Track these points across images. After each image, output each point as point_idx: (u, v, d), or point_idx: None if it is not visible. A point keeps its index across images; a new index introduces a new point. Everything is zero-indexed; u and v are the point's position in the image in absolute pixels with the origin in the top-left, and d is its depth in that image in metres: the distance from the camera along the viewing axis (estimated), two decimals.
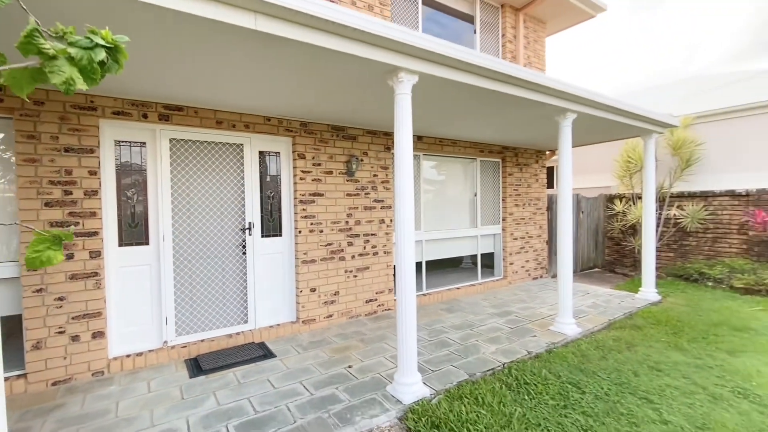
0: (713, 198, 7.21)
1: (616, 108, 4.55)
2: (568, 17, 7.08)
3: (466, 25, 6.40)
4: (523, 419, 2.56)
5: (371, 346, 3.96)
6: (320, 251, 4.60)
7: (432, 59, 2.89)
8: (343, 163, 4.78)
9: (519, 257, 6.90)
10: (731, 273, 6.25)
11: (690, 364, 3.40)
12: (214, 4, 2.00)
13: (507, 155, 6.72)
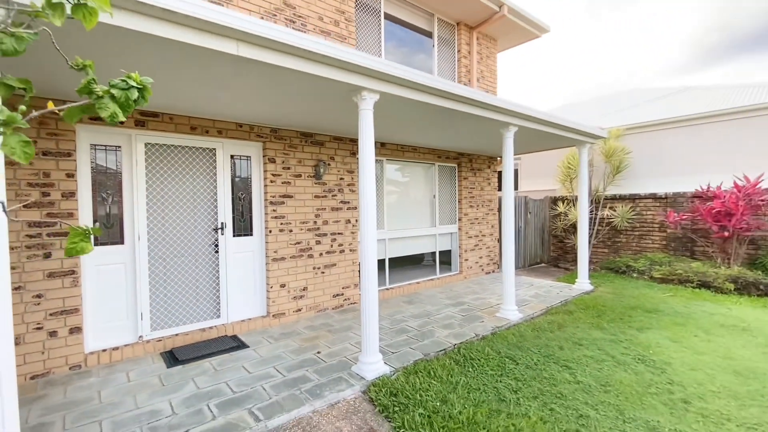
0: (639, 200, 8.26)
1: (550, 122, 5.25)
2: (516, 36, 7.83)
3: (426, 39, 6.94)
4: (466, 385, 3.07)
5: (338, 335, 4.35)
6: (290, 249, 4.93)
7: (391, 81, 3.35)
8: (312, 167, 5.13)
9: (473, 254, 7.55)
10: (652, 265, 7.23)
11: (605, 339, 4.09)
12: (206, 34, 2.33)
13: (462, 161, 7.35)
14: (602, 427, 2.50)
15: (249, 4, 4.56)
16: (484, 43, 7.64)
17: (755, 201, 6.31)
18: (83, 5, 1.23)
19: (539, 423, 2.53)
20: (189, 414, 2.77)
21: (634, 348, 3.85)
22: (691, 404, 2.80)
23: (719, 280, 6.07)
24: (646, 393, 2.95)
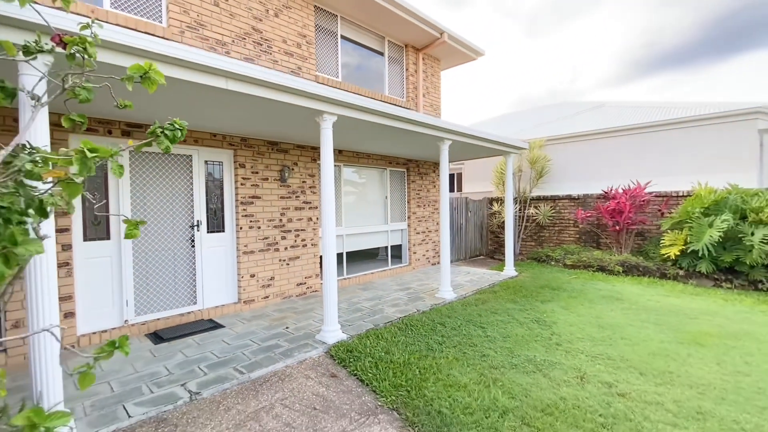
0: (558, 200, 9.80)
1: (478, 137, 6.39)
2: (457, 58, 9.01)
3: (378, 57, 7.86)
4: (405, 342, 4.01)
5: (302, 315, 5.14)
6: (258, 244, 5.62)
7: (347, 106, 4.21)
8: (277, 171, 5.86)
9: (421, 248, 8.61)
10: (565, 255, 8.72)
11: (515, 309, 5.25)
12: (201, 73, 3.05)
13: (411, 166, 8.37)
14: (497, 360, 3.54)
15: (222, 30, 5.21)
16: (429, 63, 8.73)
17: (638, 201, 7.94)
18: (148, 78, 1.98)
19: (454, 360, 3.53)
20: (184, 373, 3.46)
21: (534, 313, 5.03)
22: (561, 345, 3.94)
23: (611, 264, 7.61)
24: (532, 340, 4.07)
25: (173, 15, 4.79)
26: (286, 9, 5.94)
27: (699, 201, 6.92)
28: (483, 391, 2.97)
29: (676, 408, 2.74)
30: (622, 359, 3.59)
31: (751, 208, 6.34)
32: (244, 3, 5.44)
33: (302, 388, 3.20)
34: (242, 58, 5.41)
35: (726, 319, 4.79)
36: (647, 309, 5.26)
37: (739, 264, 6.42)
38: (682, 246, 6.88)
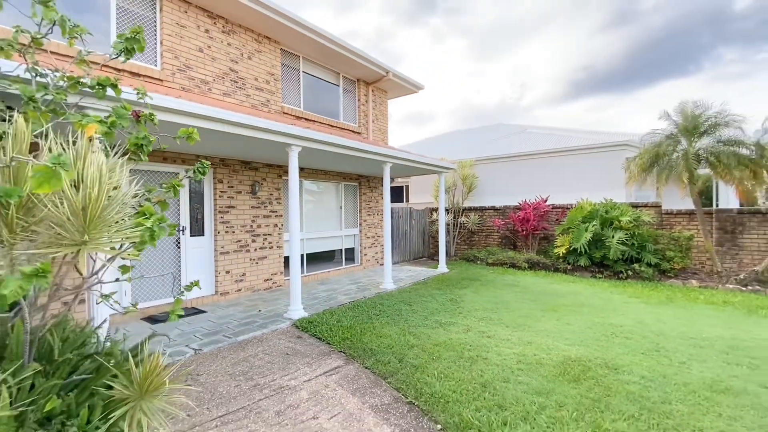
0: (485, 211, 11.78)
1: (414, 160, 8.06)
2: (401, 91, 10.74)
3: (335, 89, 9.33)
4: (352, 316, 5.44)
5: (271, 303, 6.39)
6: (233, 246, 6.79)
7: (310, 140, 5.62)
8: (249, 185, 7.08)
9: (370, 250, 10.11)
10: (488, 255, 10.63)
11: (438, 293, 6.88)
12: (204, 120, 4.33)
13: (362, 181, 9.88)
14: (414, 322, 5.08)
15: (205, 71, 6.41)
16: (378, 94, 10.36)
17: (541, 212, 10.06)
18: (191, 137, 3.27)
19: (385, 324, 5.02)
20: (184, 339, 4.63)
21: (450, 295, 6.69)
22: (462, 313, 5.58)
23: (520, 261, 9.59)
24: (443, 311, 5.68)
25: (166, 60, 5.95)
26: (257, 53, 7.25)
27: (580, 212, 9.09)
28: (400, 337, 4.49)
29: (517, 340, 4.42)
30: (499, 320, 5.29)
31: (611, 217, 8.56)
32: (223, 49, 6.69)
33: (276, 344, 4.52)
34: (221, 93, 6.64)
35: (583, 297, 6.75)
36: (533, 291, 7.13)
37: (606, 259, 8.59)
38: (568, 246, 8.99)
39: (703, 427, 2.64)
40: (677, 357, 3.90)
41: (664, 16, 47.35)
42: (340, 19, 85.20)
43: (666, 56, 64.24)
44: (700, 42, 57.99)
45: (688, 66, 66.88)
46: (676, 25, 52.12)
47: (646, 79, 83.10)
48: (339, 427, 2.79)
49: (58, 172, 1.44)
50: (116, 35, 5.23)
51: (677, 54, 63.72)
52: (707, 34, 54.34)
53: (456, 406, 2.95)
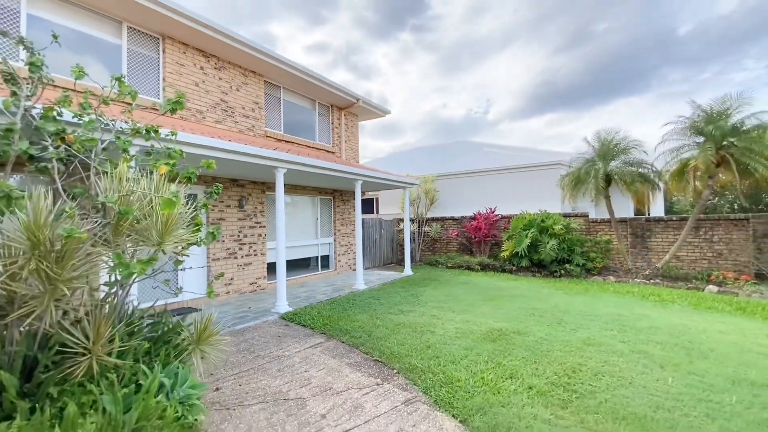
0: (445, 221, 13.26)
1: (380, 177, 9.36)
2: (370, 115, 12.10)
3: (311, 114, 10.53)
4: (329, 308, 6.57)
5: (258, 303, 7.39)
6: (223, 253, 7.75)
7: (293, 162, 6.78)
8: (237, 200, 8.09)
9: (344, 257, 11.25)
10: (448, 260, 12.05)
11: (402, 291, 8.12)
12: (202, 149, 5.41)
13: (336, 195, 11.06)
14: (381, 311, 6.29)
15: (200, 102, 7.45)
16: (350, 118, 11.65)
17: (491, 221, 11.63)
18: (210, 166, 4.38)
19: (357, 312, 6.19)
20: None
21: (412, 291, 7.96)
22: (420, 304, 6.84)
23: (474, 264, 11.06)
24: (404, 302, 6.93)
25: (167, 94, 6.95)
26: (244, 85, 8.35)
27: (521, 221, 10.71)
28: (369, 321, 5.69)
29: (459, 320, 5.72)
30: (449, 308, 6.60)
31: (546, 225, 10.22)
32: (215, 83, 7.76)
33: (269, 330, 5.59)
34: (214, 121, 7.68)
35: (518, 290, 8.22)
36: (480, 287, 8.55)
37: (542, 261, 10.20)
38: (512, 250, 10.56)
39: (566, 361, 4.01)
40: (570, 326, 5.34)
41: (617, 38, 52.44)
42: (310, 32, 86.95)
43: (619, 75, 70.83)
44: (648, 63, 64.60)
45: (638, 84, 73.54)
46: (627, 47, 57.75)
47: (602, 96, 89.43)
48: (325, 374, 3.94)
49: (174, 200, 2.58)
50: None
51: (628, 73, 70.28)
52: (655, 55, 60.80)
53: (407, 358, 4.19)
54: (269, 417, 3.11)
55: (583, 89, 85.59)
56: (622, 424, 2.78)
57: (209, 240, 3.45)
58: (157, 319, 3.71)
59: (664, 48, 56.54)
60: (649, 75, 65.31)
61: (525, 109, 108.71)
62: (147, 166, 3.52)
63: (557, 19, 47.76)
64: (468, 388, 3.43)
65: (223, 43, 7.41)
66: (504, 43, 58.99)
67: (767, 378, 3.57)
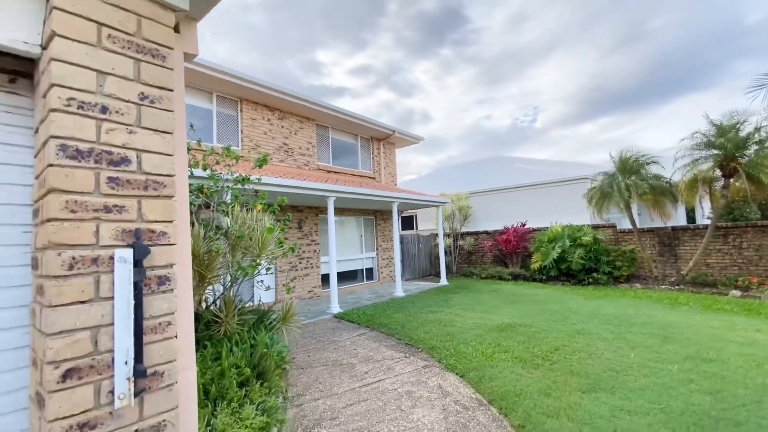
0: (479, 235, 14.29)
1: (414, 198, 10.79)
2: (405, 143, 13.67)
3: (354, 146, 12.31)
4: (373, 310, 8.03)
5: (315, 306, 9.04)
6: (287, 266, 9.56)
7: (341, 192, 8.45)
8: (297, 222, 9.93)
9: (386, 269, 12.71)
10: (482, 271, 13.05)
11: (436, 297, 9.37)
12: (282, 187, 7.21)
13: (377, 215, 12.65)
14: (414, 311, 7.62)
15: (268, 146, 9.45)
16: (388, 147, 13.31)
17: (520, 234, 12.51)
18: (283, 201, 6.10)
19: (395, 313, 7.58)
20: None
21: (444, 297, 9.18)
22: (449, 307, 8.06)
23: (505, 275, 11.99)
24: (436, 305, 8.19)
25: (245, 143, 9.01)
26: (300, 129, 10.32)
27: (547, 235, 11.53)
28: (404, 318, 7.05)
29: (478, 317, 6.88)
30: (472, 309, 7.76)
31: (574, 236, 10.97)
32: (278, 131, 9.77)
33: (325, 325, 7.15)
34: (278, 161, 9.65)
35: (541, 296, 9.12)
36: (506, 294, 9.55)
37: (571, 270, 10.92)
38: (541, 261, 11.38)
39: (554, 343, 5.09)
40: (571, 321, 6.31)
41: (675, 33, 49.40)
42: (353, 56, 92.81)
43: (679, 72, 66.02)
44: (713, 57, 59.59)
45: (702, 80, 68.13)
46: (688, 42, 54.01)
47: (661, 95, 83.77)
48: (367, 351, 5.37)
49: (272, 228, 4.22)
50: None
51: (690, 69, 65.36)
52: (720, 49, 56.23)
53: (430, 341, 5.49)
54: (330, 372, 4.60)
55: (639, 90, 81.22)
56: (572, 376, 3.90)
57: (289, 253, 5.09)
58: (254, 308, 5.37)
59: (731, 40, 52.75)
60: (715, 69, 60.69)
61: (576, 115, 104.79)
62: (247, 203, 5.26)
63: (606, 19, 46.65)
64: (470, 358, 4.68)
65: (284, 100, 9.41)
66: (548, 49, 58.42)
67: (718, 357, 4.43)
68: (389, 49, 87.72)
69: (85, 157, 1.31)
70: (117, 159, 1.39)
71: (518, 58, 65.86)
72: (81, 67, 1.33)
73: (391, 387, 4.04)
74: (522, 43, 55.96)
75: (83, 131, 1.32)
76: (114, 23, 1.43)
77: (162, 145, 1.51)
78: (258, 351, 3.97)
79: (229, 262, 4.69)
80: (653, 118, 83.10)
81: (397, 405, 3.59)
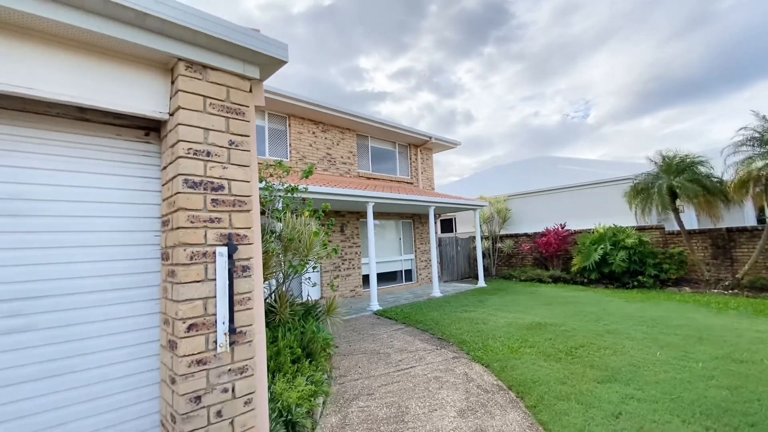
0: (518, 237, 14.27)
1: (450, 202, 11.16)
2: (442, 148, 14.06)
3: (393, 152, 12.93)
4: (410, 308, 8.54)
5: (357, 303, 9.72)
6: (330, 267, 10.35)
7: (380, 198, 9.08)
8: (339, 226, 10.70)
9: (424, 271, 13.15)
10: (521, 273, 13.05)
11: (472, 298, 9.67)
12: (326, 195, 7.97)
13: (415, 218, 13.14)
14: (450, 310, 8.02)
15: (313, 157, 10.33)
16: (425, 152, 13.78)
17: (561, 236, 12.38)
18: (327, 207, 6.80)
19: (431, 311, 8.03)
20: None
21: (480, 298, 9.46)
22: (483, 307, 8.36)
23: (545, 277, 11.94)
24: (470, 305, 8.52)
25: (292, 154, 9.94)
26: (342, 140, 11.12)
27: (589, 237, 11.34)
28: (438, 316, 7.49)
29: (511, 317, 7.15)
30: (507, 309, 8.00)
31: (617, 239, 10.73)
32: (322, 142, 10.62)
33: (365, 320, 7.78)
34: (322, 170, 10.49)
35: (578, 298, 9.09)
36: (544, 296, 9.62)
37: (613, 273, 10.69)
38: (581, 264, 11.23)
39: (581, 341, 5.29)
40: (604, 322, 6.40)
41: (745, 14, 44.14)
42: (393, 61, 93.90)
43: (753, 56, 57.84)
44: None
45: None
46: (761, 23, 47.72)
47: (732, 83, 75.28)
48: (403, 343, 5.90)
49: (318, 232, 4.91)
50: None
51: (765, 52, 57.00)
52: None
53: (461, 336, 5.91)
54: (368, 359, 5.19)
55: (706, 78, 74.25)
56: (590, 369, 4.16)
57: (332, 254, 5.77)
58: (303, 302, 6.11)
59: None
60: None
61: (633, 108, 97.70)
62: (296, 209, 6.02)
63: (665, 3, 43.58)
64: (496, 351, 5.05)
65: (327, 114, 10.24)
66: (601, 40, 55.50)
67: (750, 358, 4.43)
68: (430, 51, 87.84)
69: (198, 186, 2.00)
70: (216, 186, 2.07)
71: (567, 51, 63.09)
72: (194, 127, 2.03)
73: (421, 373, 4.54)
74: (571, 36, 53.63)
75: (196, 169, 2.01)
76: (212, 94, 2.12)
77: (243, 175, 2.18)
78: (307, 336, 4.65)
79: (281, 261, 5.44)
80: (725, 108, 75.22)
81: (425, 387, 4.09)
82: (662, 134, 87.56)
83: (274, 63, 2.33)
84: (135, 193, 2.18)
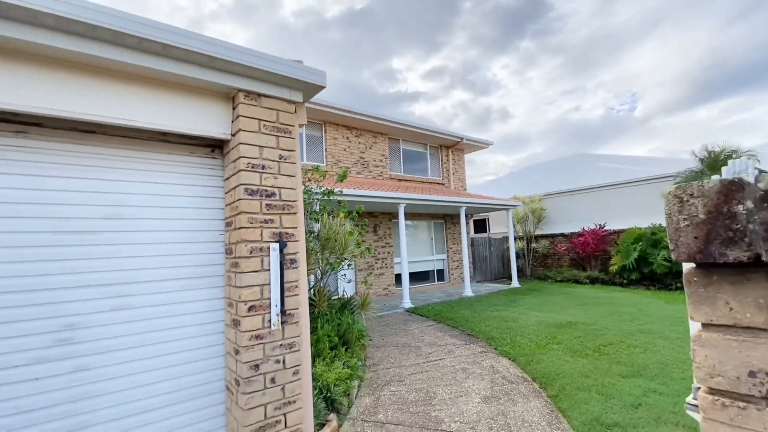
0: (554, 237, 14.02)
1: (479, 203, 11.25)
2: (474, 149, 14.12)
3: (424, 154, 13.19)
4: (441, 306, 8.78)
5: (390, 301, 10.09)
6: (364, 266, 10.79)
7: (410, 199, 9.40)
8: (373, 227, 11.13)
9: (456, 271, 13.29)
10: (557, 274, 12.85)
11: (504, 297, 9.74)
12: (359, 197, 8.42)
13: (447, 218, 13.32)
14: (481, 308, 8.18)
15: (347, 161, 10.83)
16: (456, 153, 13.92)
17: (599, 236, 12.06)
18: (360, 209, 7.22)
19: (462, 309, 8.24)
20: None
21: (512, 298, 9.51)
22: (515, 306, 8.44)
23: (582, 278, 11.70)
24: (501, 305, 8.62)
25: (328, 159, 10.49)
26: (374, 144, 11.55)
27: (630, 235, 10.99)
28: (468, 314, 7.68)
29: (542, 316, 7.21)
30: (539, 309, 8.04)
31: (658, 238, 10.35)
32: (356, 146, 11.10)
33: (398, 317, 8.12)
34: (355, 173, 10.97)
35: (615, 299, 8.90)
36: (578, 296, 9.50)
37: (654, 273, 10.32)
38: (620, 264, 10.92)
39: (611, 339, 5.32)
40: (638, 322, 6.32)
41: None
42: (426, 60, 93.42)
43: None
44: None
45: None
46: None
47: None
48: (433, 338, 6.18)
49: (352, 232, 5.33)
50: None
51: None
52: None
53: (490, 333, 6.10)
54: (399, 351, 5.54)
55: None
56: (616, 365, 4.25)
57: (366, 254, 6.17)
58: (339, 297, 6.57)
59: None
60: None
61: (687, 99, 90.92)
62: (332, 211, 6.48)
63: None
64: (524, 347, 5.21)
65: (360, 119, 10.71)
66: (649, 27, 52.34)
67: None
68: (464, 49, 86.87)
69: (255, 194, 2.44)
70: (269, 193, 2.50)
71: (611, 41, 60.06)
72: (252, 145, 2.48)
73: (449, 364, 4.82)
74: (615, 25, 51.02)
75: (253, 179, 2.45)
76: (265, 117, 2.56)
77: (290, 184, 2.60)
78: (343, 326, 5.07)
79: (319, 259, 5.91)
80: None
81: (453, 376, 4.37)
82: (722, 125, 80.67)
83: (315, 88, 2.75)
84: (204, 200, 2.67)
